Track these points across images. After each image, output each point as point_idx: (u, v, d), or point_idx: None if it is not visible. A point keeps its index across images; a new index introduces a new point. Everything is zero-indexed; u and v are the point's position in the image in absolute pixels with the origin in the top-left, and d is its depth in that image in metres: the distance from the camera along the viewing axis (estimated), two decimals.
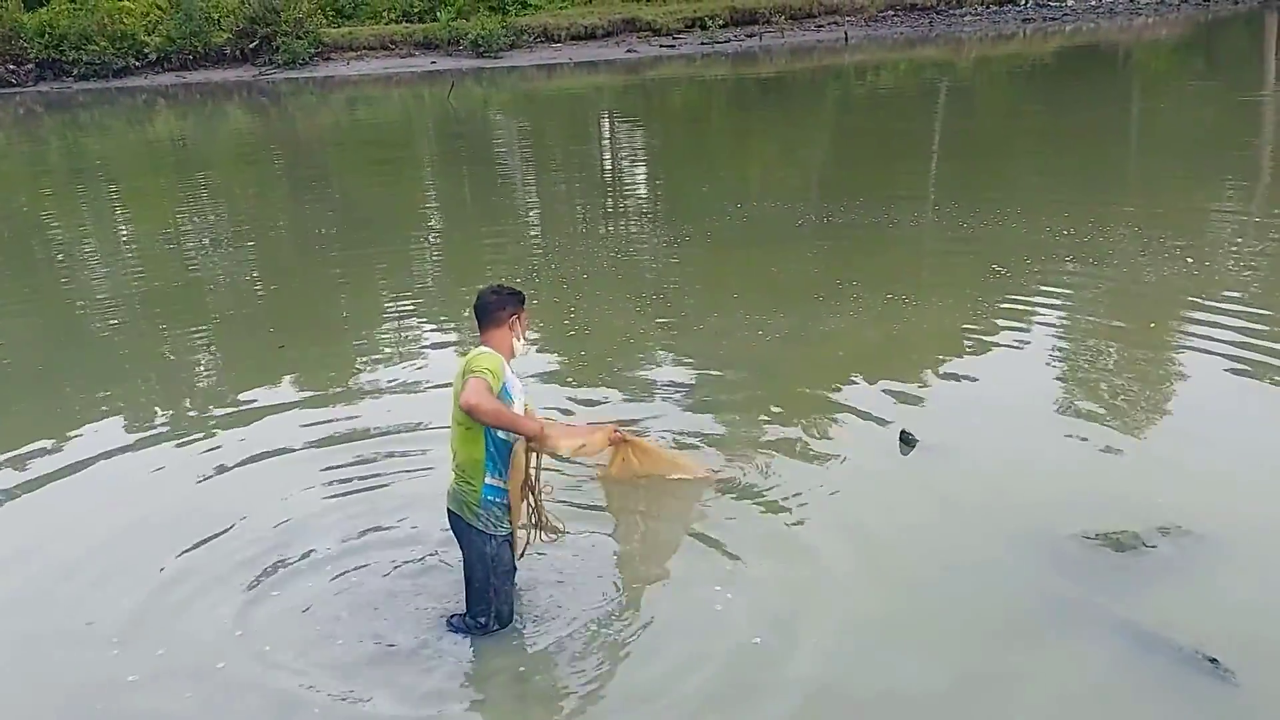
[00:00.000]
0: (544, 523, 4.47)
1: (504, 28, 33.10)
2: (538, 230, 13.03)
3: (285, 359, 8.22)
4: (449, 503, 4.27)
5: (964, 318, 8.09)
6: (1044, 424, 6.20)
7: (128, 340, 9.13)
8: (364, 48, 33.28)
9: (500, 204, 14.59)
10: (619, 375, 7.37)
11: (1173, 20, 33.62)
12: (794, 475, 5.65)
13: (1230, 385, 6.59)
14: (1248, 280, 8.78)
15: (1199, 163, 14.11)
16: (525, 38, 33.45)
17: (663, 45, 33.35)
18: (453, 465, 4.26)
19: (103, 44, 31.96)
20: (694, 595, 4.66)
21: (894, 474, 5.75)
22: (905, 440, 5.97)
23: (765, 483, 5.59)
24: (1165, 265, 9.03)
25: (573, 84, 29.48)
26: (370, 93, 29.61)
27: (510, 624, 4.40)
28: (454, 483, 4.24)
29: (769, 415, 6.50)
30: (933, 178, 14.37)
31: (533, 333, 5.22)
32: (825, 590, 4.66)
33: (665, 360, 7.68)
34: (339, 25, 34.08)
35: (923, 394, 6.79)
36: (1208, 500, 5.18)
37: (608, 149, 19.73)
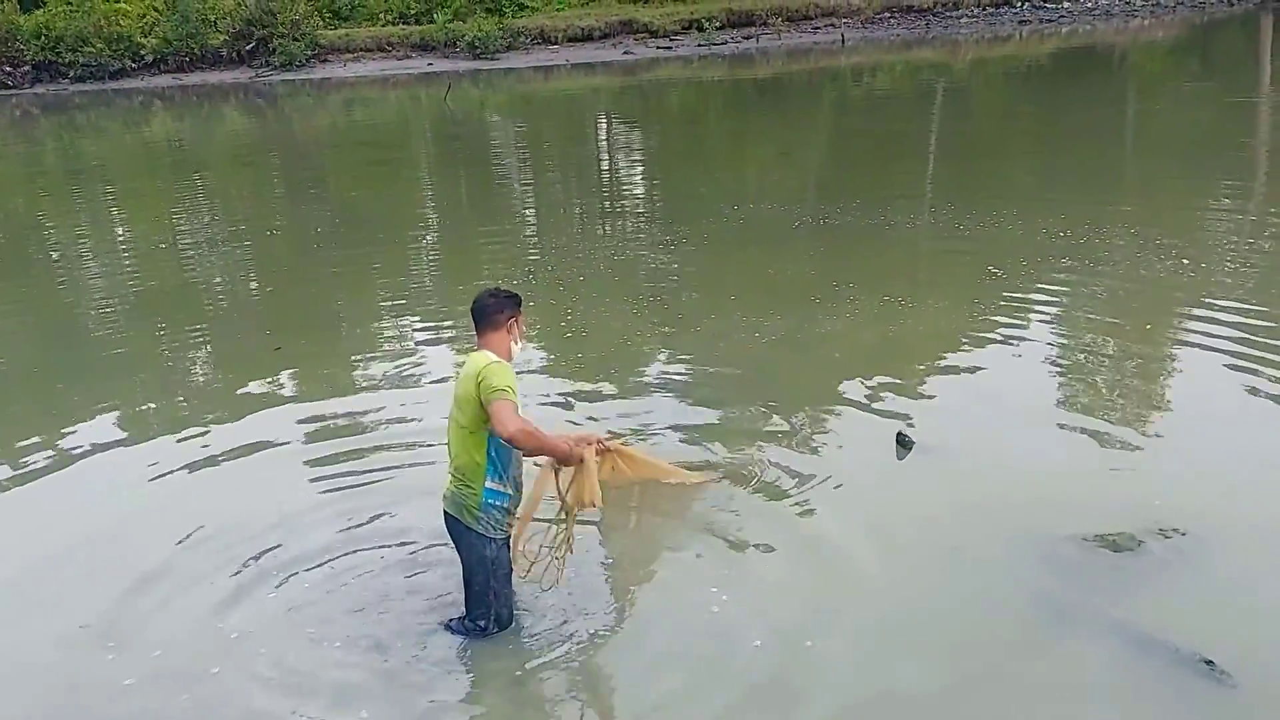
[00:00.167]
0: (570, 541, 4.48)
1: (501, 29, 33.04)
2: (534, 231, 13.03)
3: (281, 359, 8.21)
4: (447, 506, 4.24)
5: (960, 319, 8.09)
6: (1041, 425, 6.21)
7: (123, 340, 9.12)
8: (361, 49, 33.19)
9: (497, 205, 14.59)
10: (616, 377, 7.36)
11: (1168, 22, 33.64)
12: (790, 477, 5.65)
13: (1227, 385, 6.59)
14: (1244, 279, 8.78)
15: (1195, 163, 14.13)
16: (522, 39, 33.41)
17: (659, 47, 33.30)
18: (451, 468, 4.24)
19: (99, 46, 31.85)
20: (691, 598, 4.65)
21: (890, 476, 5.75)
22: (902, 442, 5.96)
23: (761, 485, 5.59)
24: (1161, 265, 9.04)
25: (570, 86, 29.46)
26: (367, 94, 29.57)
27: (509, 627, 4.39)
28: (452, 486, 4.21)
29: (765, 417, 6.49)
30: (929, 179, 14.37)
31: (530, 334, 5.21)
32: (823, 592, 4.65)
33: (662, 362, 7.68)
34: (335, 27, 33.98)
35: (919, 396, 6.78)
36: (1205, 501, 5.18)
37: (605, 150, 19.72)
